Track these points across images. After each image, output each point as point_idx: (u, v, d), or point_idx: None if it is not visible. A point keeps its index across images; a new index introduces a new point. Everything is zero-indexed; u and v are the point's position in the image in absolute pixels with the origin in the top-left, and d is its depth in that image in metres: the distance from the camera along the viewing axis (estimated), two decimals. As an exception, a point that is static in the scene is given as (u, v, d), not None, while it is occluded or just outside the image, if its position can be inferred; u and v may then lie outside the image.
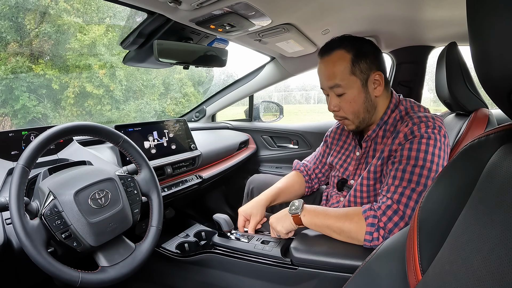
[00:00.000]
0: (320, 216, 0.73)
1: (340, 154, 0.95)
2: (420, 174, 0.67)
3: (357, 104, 0.78)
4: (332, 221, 0.71)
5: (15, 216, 0.55)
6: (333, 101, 0.80)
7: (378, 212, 0.67)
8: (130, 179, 0.77)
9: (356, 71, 0.75)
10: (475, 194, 0.31)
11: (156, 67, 1.29)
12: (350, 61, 0.75)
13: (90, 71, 6.15)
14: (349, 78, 0.75)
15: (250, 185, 1.24)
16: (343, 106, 0.79)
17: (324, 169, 1.06)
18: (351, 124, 0.82)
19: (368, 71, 0.76)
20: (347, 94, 0.77)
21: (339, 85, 0.76)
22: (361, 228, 0.67)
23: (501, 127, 0.34)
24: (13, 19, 5.39)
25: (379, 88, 0.78)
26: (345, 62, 0.75)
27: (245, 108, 2.01)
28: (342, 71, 0.75)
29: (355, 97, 0.77)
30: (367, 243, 0.67)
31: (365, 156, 0.86)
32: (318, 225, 0.73)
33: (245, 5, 0.82)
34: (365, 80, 0.77)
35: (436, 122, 0.72)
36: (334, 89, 0.78)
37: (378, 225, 0.66)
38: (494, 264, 0.24)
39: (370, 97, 0.78)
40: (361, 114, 0.79)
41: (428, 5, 0.94)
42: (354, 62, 0.75)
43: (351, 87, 0.76)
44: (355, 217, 0.69)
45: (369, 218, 0.67)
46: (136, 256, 0.71)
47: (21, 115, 5.40)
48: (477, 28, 0.26)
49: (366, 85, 0.77)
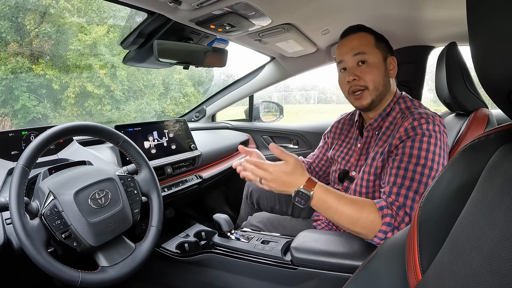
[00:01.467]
0: (334, 197, 0.66)
1: (342, 147, 0.96)
2: (422, 173, 0.67)
3: (378, 72, 0.80)
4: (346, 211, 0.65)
5: (15, 216, 0.55)
6: (354, 70, 0.81)
7: (394, 212, 0.65)
8: (130, 179, 0.77)
9: (380, 46, 0.82)
10: (475, 194, 0.31)
11: (156, 67, 1.29)
12: (374, 39, 0.82)
13: (90, 71, 6.16)
14: (373, 49, 0.81)
15: (249, 187, 1.24)
16: (363, 75, 0.80)
17: (321, 164, 1.07)
18: (368, 97, 0.80)
19: (387, 52, 0.83)
20: (370, 61, 0.80)
21: (364, 52, 0.80)
22: (375, 227, 0.64)
23: (501, 127, 0.34)
24: (13, 19, 5.39)
25: (393, 71, 0.83)
26: (370, 39, 0.82)
27: (245, 108, 2.01)
28: (368, 41, 0.81)
29: (377, 66, 0.80)
30: (376, 240, 0.64)
31: (366, 146, 0.86)
32: (328, 203, 0.66)
33: (245, 5, 0.82)
34: (385, 57, 0.82)
35: (436, 119, 0.72)
36: (358, 56, 0.80)
37: (394, 225, 0.64)
38: (494, 264, 0.24)
39: (387, 74, 0.82)
40: (379, 86, 0.80)
41: (428, 5, 0.94)
42: (377, 41, 0.82)
43: (374, 56, 0.80)
44: (371, 214, 0.65)
45: (387, 217, 0.64)
46: (136, 256, 0.71)
47: (21, 115, 5.40)
48: (477, 28, 0.26)
49: (385, 62, 0.82)
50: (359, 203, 0.67)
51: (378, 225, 0.64)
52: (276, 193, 1.15)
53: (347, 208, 0.65)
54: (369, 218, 0.64)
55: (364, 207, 0.66)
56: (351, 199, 0.67)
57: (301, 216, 1.10)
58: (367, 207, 0.66)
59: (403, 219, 0.65)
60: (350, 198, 0.67)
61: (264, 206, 1.19)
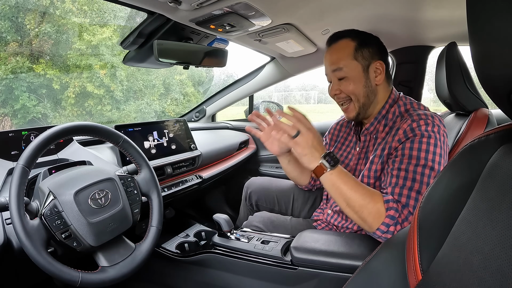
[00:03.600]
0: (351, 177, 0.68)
1: (341, 150, 0.96)
2: (422, 173, 0.67)
3: (357, 87, 0.79)
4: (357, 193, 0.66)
5: (15, 216, 0.55)
6: (334, 85, 0.83)
7: (399, 207, 0.66)
8: (130, 179, 0.77)
9: (358, 57, 0.79)
10: (475, 194, 0.31)
11: (156, 67, 1.29)
12: (354, 47, 0.79)
13: (91, 71, 6.16)
14: (350, 62, 0.79)
15: (248, 189, 1.23)
16: (343, 88, 0.81)
17: None
18: (353, 110, 0.82)
19: (370, 58, 0.80)
20: (348, 77, 0.80)
21: (341, 68, 0.79)
22: (380, 217, 0.64)
23: (501, 127, 0.34)
24: (13, 19, 5.39)
25: (379, 77, 0.81)
26: (349, 48, 0.79)
27: (245, 108, 2.01)
28: (345, 56, 0.79)
29: (355, 80, 0.79)
30: (378, 233, 0.65)
31: (364, 151, 0.86)
32: (348, 176, 0.68)
33: (245, 5, 0.82)
34: (367, 66, 0.80)
35: (435, 120, 0.72)
36: (336, 72, 0.81)
37: (397, 220, 0.64)
38: (495, 264, 0.24)
39: (370, 84, 0.80)
40: (361, 98, 0.80)
41: (428, 5, 0.94)
42: (357, 49, 0.79)
43: (352, 71, 0.79)
44: (379, 203, 0.66)
45: (391, 210, 0.65)
46: (136, 256, 0.71)
47: (21, 115, 5.40)
48: (477, 28, 0.26)
49: (367, 71, 0.80)
50: (370, 189, 0.69)
51: (382, 215, 0.65)
52: (275, 195, 1.15)
53: (361, 189, 0.67)
54: (376, 205, 0.66)
55: (374, 195, 0.67)
56: (363, 185, 0.69)
57: (301, 216, 1.10)
58: (376, 195, 0.68)
59: (406, 217, 0.65)
60: (362, 184, 0.69)
61: (263, 208, 1.18)
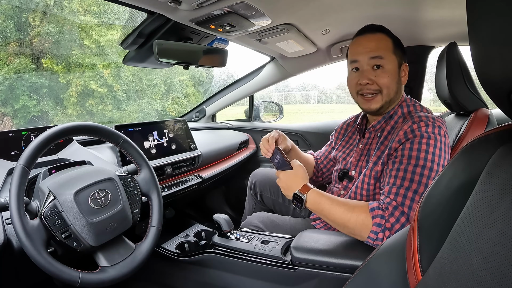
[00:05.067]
0: (327, 200, 0.72)
1: (345, 148, 0.97)
2: (421, 174, 0.67)
3: (393, 78, 0.79)
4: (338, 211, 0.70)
5: (15, 216, 0.55)
6: (369, 73, 0.80)
7: (386, 212, 0.67)
8: (130, 179, 0.77)
9: (397, 53, 0.80)
10: (475, 194, 0.31)
11: (156, 67, 1.29)
12: (392, 43, 0.80)
13: (93, 70, 6.16)
14: (390, 55, 0.79)
15: (253, 179, 1.25)
16: (378, 78, 0.79)
17: (325, 162, 1.09)
18: (379, 101, 0.81)
19: (402, 59, 0.82)
20: (386, 67, 0.79)
21: (382, 57, 0.78)
22: (366, 226, 0.67)
23: (501, 127, 0.34)
24: (16, 18, 5.39)
25: (404, 78, 0.83)
26: (388, 43, 0.80)
27: (245, 108, 2.01)
28: (386, 46, 0.79)
29: (392, 72, 0.79)
30: (370, 241, 0.67)
31: (367, 148, 0.87)
32: (321, 204, 0.72)
33: (245, 5, 0.82)
34: (400, 64, 0.81)
35: (436, 122, 0.72)
36: (375, 59, 0.79)
37: (385, 226, 0.65)
38: (494, 264, 0.24)
39: (400, 81, 0.82)
40: (392, 92, 0.80)
41: (428, 5, 0.94)
42: (395, 46, 0.80)
43: (391, 63, 0.79)
44: (362, 214, 0.68)
45: (377, 218, 0.66)
46: (136, 256, 0.71)
47: (21, 115, 5.40)
48: (477, 28, 0.26)
49: (399, 69, 0.81)
50: (350, 204, 0.71)
51: (369, 224, 0.66)
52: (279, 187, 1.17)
53: (338, 208, 0.70)
54: (359, 217, 0.68)
55: (355, 208, 0.69)
56: (343, 201, 0.72)
57: (301, 215, 1.11)
58: (358, 208, 0.69)
59: (398, 219, 0.65)
60: (342, 201, 0.72)
61: (267, 199, 1.21)
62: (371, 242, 0.67)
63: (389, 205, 0.67)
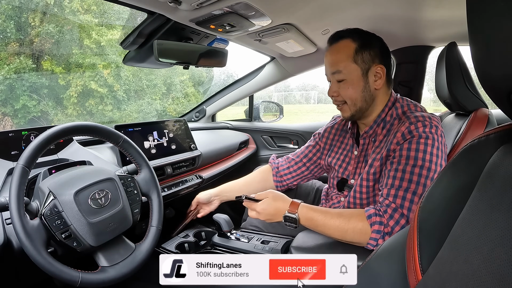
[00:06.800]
0: (320, 214, 0.71)
1: (338, 154, 0.94)
2: (420, 174, 0.67)
3: (355, 91, 0.79)
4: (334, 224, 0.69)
5: (15, 216, 0.55)
6: (333, 87, 0.82)
7: (385, 216, 0.66)
8: (130, 179, 0.77)
9: (358, 60, 0.77)
10: (475, 194, 0.31)
11: (156, 67, 1.29)
12: (354, 50, 0.77)
13: (93, 71, 6.16)
14: (350, 66, 0.78)
15: None
16: (341, 91, 0.80)
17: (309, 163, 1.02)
18: (347, 111, 0.82)
19: (370, 62, 0.78)
20: (346, 80, 0.79)
21: (340, 71, 0.78)
22: (365, 235, 0.66)
23: (501, 127, 0.34)
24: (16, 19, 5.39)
25: (379, 81, 0.79)
26: (349, 50, 0.78)
27: (245, 108, 2.01)
28: (344, 58, 0.78)
29: (353, 84, 0.78)
30: (370, 247, 0.66)
31: (363, 154, 0.86)
32: (315, 220, 0.71)
33: (245, 5, 0.82)
34: (366, 70, 0.78)
35: (432, 121, 0.72)
36: (335, 75, 0.80)
37: (384, 231, 0.65)
38: (494, 264, 0.24)
39: (369, 88, 0.79)
40: (358, 102, 0.80)
41: (428, 5, 0.94)
42: (358, 51, 0.77)
43: (351, 74, 0.78)
44: (359, 223, 0.67)
45: (375, 225, 0.66)
46: (136, 256, 0.71)
47: (21, 115, 5.40)
48: (477, 28, 0.26)
49: (367, 75, 0.79)
50: (346, 214, 0.70)
51: (368, 232, 0.66)
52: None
53: (334, 221, 0.69)
54: (357, 227, 0.67)
55: (351, 218, 0.68)
56: (337, 212, 0.71)
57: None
58: (355, 217, 0.69)
59: (397, 221, 0.65)
60: (336, 212, 0.71)
61: None
62: (370, 248, 0.66)
63: (388, 208, 0.67)
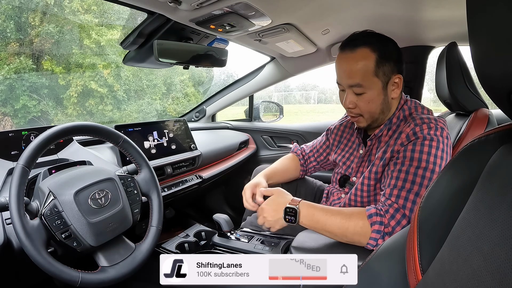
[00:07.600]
0: (320, 210, 0.70)
1: (344, 151, 0.95)
2: (423, 176, 0.67)
3: (375, 104, 0.76)
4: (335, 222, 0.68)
5: (15, 216, 0.55)
6: (351, 98, 0.76)
7: (386, 216, 0.66)
8: (130, 179, 0.77)
9: (379, 73, 0.73)
10: (475, 194, 0.31)
11: (156, 67, 1.29)
12: (375, 61, 0.72)
13: (93, 70, 6.15)
14: (371, 80, 0.73)
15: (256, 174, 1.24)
16: (360, 105, 0.76)
17: (319, 159, 1.06)
18: (364, 122, 0.80)
19: (390, 74, 0.74)
20: (366, 94, 0.74)
21: (360, 85, 0.73)
22: (365, 234, 0.66)
23: (501, 127, 0.34)
24: (16, 19, 5.38)
25: (396, 90, 0.77)
26: (370, 62, 0.72)
27: (245, 108, 2.01)
28: (365, 71, 0.72)
29: (374, 98, 0.75)
30: (369, 247, 0.66)
31: (368, 153, 0.86)
32: (316, 215, 0.70)
33: (245, 5, 0.82)
34: (386, 82, 0.75)
35: (438, 123, 0.72)
36: (354, 88, 0.75)
37: (384, 231, 0.65)
38: (494, 264, 0.24)
39: (387, 99, 0.77)
40: (376, 115, 0.78)
41: (428, 5, 0.94)
42: (379, 64, 0.72)
43: (372, 88, 0.74)
44: (360, 221, 0.66)
45: (376, 225, 0.65)
46: (136, 256, 0.71)
47: (21, 115, 5.40)
48: (477, 28, 0.26)
49: (386, 87, 0.75)
50: (346, 212, 0.69)
51: (368, 231, 0.65)
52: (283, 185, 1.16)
53: (334, 218, 0.68)
54: (358, 225, 0.66)
55: (352, 216, 0.68)
56: (338, 210, 0.70)
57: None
58: (355, 215, 0.68)
59: (399, 222, 0.65)
60: (336, 209, 0.71)
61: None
62: (370, 248, 0.66)
63: (390, 207, 0.67)
